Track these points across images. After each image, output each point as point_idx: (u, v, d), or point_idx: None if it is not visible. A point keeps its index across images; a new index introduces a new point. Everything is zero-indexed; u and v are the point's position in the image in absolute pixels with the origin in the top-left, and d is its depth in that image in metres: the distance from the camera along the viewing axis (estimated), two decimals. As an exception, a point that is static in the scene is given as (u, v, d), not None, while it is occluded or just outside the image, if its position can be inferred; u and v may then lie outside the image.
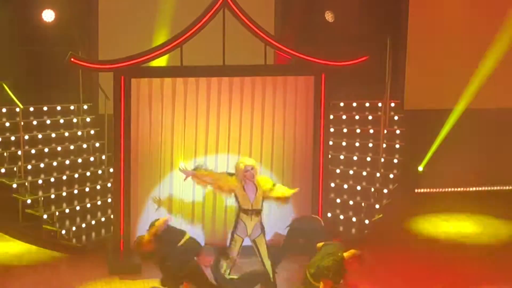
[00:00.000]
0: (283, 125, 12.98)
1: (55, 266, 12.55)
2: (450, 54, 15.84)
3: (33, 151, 14.34)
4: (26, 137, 14.33)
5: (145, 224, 12.18)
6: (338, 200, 14.40)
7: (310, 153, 13.06)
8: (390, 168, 14.78)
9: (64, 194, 14.01)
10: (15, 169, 13.85)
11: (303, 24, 15.77)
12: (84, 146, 14.88)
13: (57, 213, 13.54)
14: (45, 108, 15.07)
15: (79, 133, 15.01)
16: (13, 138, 14.27)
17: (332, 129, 14.62)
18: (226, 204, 12.78)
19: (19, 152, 13.94)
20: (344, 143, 15.26)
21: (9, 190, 13.61)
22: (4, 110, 14.57)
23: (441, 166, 15.65)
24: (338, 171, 14.85)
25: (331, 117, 14.13)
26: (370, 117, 15.55)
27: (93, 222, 13.75)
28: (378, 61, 14.80)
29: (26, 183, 13.71)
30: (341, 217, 14.12)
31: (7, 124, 14.49)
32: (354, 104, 15.79)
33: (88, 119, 15.21)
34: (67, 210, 13.73)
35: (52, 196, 13.86)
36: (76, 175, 14.39)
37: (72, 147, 14.77)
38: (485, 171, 16.11)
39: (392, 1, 16.11)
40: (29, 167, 14.05)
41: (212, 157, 12.78)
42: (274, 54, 13.97)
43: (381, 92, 15.11)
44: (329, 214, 13.66)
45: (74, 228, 13.47)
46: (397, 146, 15.05)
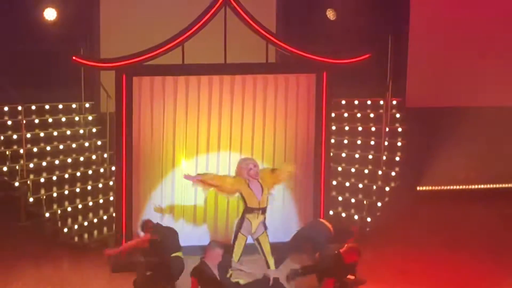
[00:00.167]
0: (284, 123, 12.97)
1: (57, 265, 12.56)
2: (452, 52, 15.81)
3: (35, 149, 14.36)
4: (28, 135, 14.34)
5: (146, 222, 12.22)
6: (340, 198, 14.40)
7: (311, 151, 13.05)
8: (392, 166, 14.76)
9: (66, 192, 14.02)
10: (17, 167, 13.86)
11: (304, 22, 15.76)
12: (86, 144, 14.89)
13: (59, 212, 13.56)
14: (47, 107, 15.07)
15: (81, 131, 15.03)
16: (15, 136, 14.28)
17: (333, 127, 14.61)
18: (228, 202, 12.78)
19: (21, 151, 13.95)
20: (345, 141, 15.26)
21: (11, 189, 13.64)
22: (6, 108, 14.57)
23: (443, 164, 15.63)
24: (340, 169, 14.84)
25: (333, 115, 14.12)
26: (371, 115, 15.55)
27: (95, 220, 13.76)
28: (380, 59, 14.77)
29: (28, 182, 13.72)
30: (343, 215, 14.12)
31: (9, 122, 14.50)
32: (356, 102, 15.79)
33: (90, 118, 15.23)
34: (69, 209, 13.75)
35: (54, 194, 13.88)
36: (78, 174, 14.41)
37: (74, 145, 14.78)
38: (487, 169, 16.09)
39: (394, -2, 16.12)
40: (31, 165, 14.07)
41: (214, 155, 12.78)
42: (276, 52, 13.97)
43: (382, 90, 15.10)
44: (331, 212, 13.66)
45: (76, 227, 13.49)
46: (399, 144, 15.03)
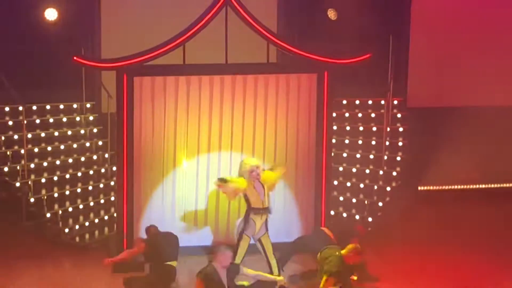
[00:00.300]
0: (285, 123, 12.95)
1: (59, 265, 12.55)
2: (453, 52, 15.81)
3: (36, 149, 14.36)
4: (29, 135, 14.34)
5: (147, 222, 12.21)
6: (341, 198, 14.40)
7: (313, 151, 13.03)
8: (393, 165, 14.76)
9: (67, 192, 14.03)
10: (18, 167, 13.86)
11: (305, 22, 15.75)
12: (87, 144, 14.89)
13: (60, 212, 13.56)
14: (48, 107, 15.07)
15: (82, 131, 15.02)
16: (16, 136, 14.27)
17: (335, 127, 14.62)
18: (229, 202, 12.77)
19: (22, 151, 13.94)
20: (347, 141, 15.26)
21: (12, 189, 13.64)
22: (7, 108, 14.57)
23: (444, 164, 15.61)
24: (341, 169, 14.84)
25: (334, 114, 14.10)
26: (373, 115, 15.54)
27: (96, 220, 13.77)
28: (381, 59, 14.76)
29: (29, 182, 13.72)
30: (344, 215, 14.12)
31: (10, 122, 14.49)
32: (357, 102, 15.79)
33: (91, 118, 15.23)
34: (70, 209, 13.76)
35: (55, 194, 13.88)
36: (79, 174, 14.41)
37: (75, 145, 14.78)
38: (488, 168, 16.07)
39: (395, -2, 16.12)
40: (32, 165, 14.06)
41: (215, 155, 12.77)
42: (277, 52, 13.96)
43: (384, 89, 15.09)
44: (332, 212, 13.65)
45: (77, 227, 13.50)
46: (400, 143, 15.03)
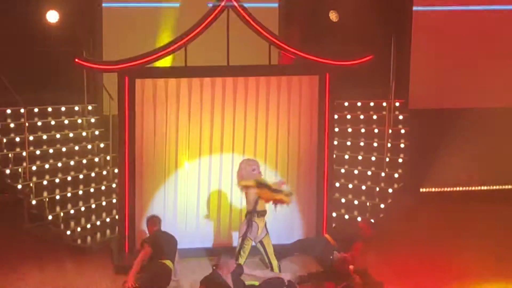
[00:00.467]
0: (287, 125, 12.96)
1: (60, 267, 12.55)
2: (454, 53, 15.82)
3: (37, 152, 14.34)
4: (31, 138, 14.33)
5: (149, 224, 12.22)
6: (343, 200, 14.39)
7: (314, 152, 13.04)
8: (395, 167, 14.75)
9: (69, 195, 14.02)
10: (20, 170, 13.86)
11: (307, 24, 15.75)
12: (89, 147, 14.89)
13: (62, 214, 13.55)
14: (49, 109, 15.06)
15: (84, 134, 15.02)
16: (17, 139, 14.26)
17: (336, 129, 14.60)
18: (231, 204, 12.79)
19: (24, 153, 13.95)
20: (348, 143, 15.25)
21: (14, 191, 13.64)
22: (8, 111, 14.57)
23: (446, 166, 15.62)
24: (343, 170, 14.84)
25: (336, 116, 14.10)
26: (375, 117, 15.53)
27: (98, 222, 13.76)
28: (383, 61, 14.76)
29: (31, 184, 13.72)
30: (346, 216, 14.11)
31: (12, 125, 14.48)
32: (359, 104, 15.78)
33: (92, 120, 15.22)
34: (72, 211, 13.74)
35: (57, 197, 13.87)
36: (81, 176, 14.40)
37: (76, 148, 14.77)
38: (490, 170, 16.07)
39: (397, 0, 16.09)
40: (34, 168, 14.06)
41: (217, 157, 12.78)
42: (279, 54, 13.97)
43: (385, 91, 15.08)
44: (334, 214, 13.64)
45: (79, 229, 13.49)
46: (402, 145, 15.02)
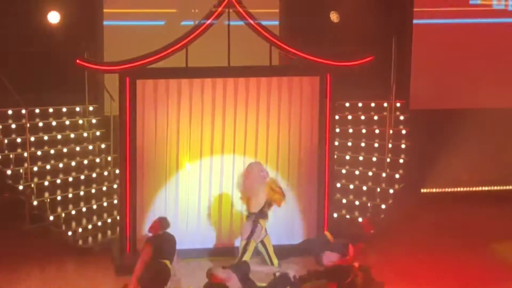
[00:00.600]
0: (288, 126, 12.97)
1: (62, 268, 12.56)
2: (455, 54, 15.82)
3: (39, 152, 14.33)
4: (32, 138, 14.32)
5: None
6: (344, 201, 14.38)
7: (315, 153, 13.05)
8: (396, 168, 14.74)
9: (70, 195, 14.02)
10: (21, 170, 13.85)
11: (308, 25, 15.75)
12: (90, 147, 14.88)
13: (63, 215, 13.56)
14: (50, 110, 15.04)
15: (85, 134, 15.01)
16: (19, 140, 14.26)
17: (337, 129, 14.60)
18: (232, 204, 12.79)
19: (25, 154, 13.95)
20: (349, 143, 15.23)
21: (15, 192, 13.64)
22: (10, 112, 14.56)
23: (447, 166, 15.62)
24: (343, 171, 14.83)
25: (337, 117, 14.12)
26: (375, 117, 15.51)
27: (99, 223, 13.77)
28: (384, 61, 14.76)
29: (32, 185, 13.72)
30: (347, 217, 14.11)
31: (13, 126, 14.47)
32: (360, 104, 15.75)
33: (93, 121, 15.21)
34: (73, 212, 13.75)
35: (59, 197, 13.86)
36: (82, 177, 14.39)
37: (78, 148, 14.76)
38: (491, 171, 16.07)
39: (397, 1, 16.09)
40: (35, 168, 14.05)
41: (218, 158, 12.78)
42: (279, 55, 13.97)
43: (386, 92, 15.08)
44: (335, 215, 13.65)
45: (80, 230, 13.49)
46: (403, 146, 15.00)
